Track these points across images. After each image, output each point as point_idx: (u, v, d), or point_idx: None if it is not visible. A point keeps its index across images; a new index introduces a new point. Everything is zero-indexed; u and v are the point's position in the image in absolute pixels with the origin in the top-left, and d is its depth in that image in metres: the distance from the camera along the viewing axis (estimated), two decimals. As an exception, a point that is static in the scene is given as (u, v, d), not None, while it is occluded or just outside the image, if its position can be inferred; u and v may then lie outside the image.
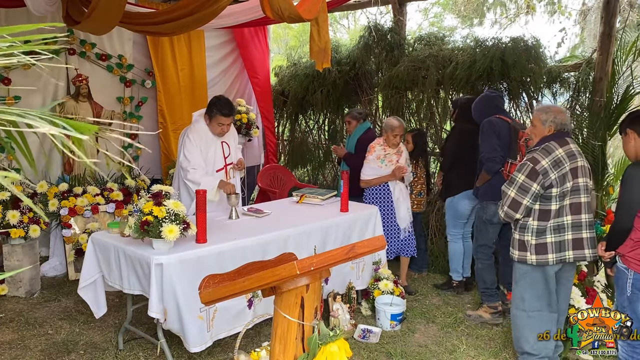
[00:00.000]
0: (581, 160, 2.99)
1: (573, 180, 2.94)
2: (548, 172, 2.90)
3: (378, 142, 4.45)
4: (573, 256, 2.96)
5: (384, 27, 5.77)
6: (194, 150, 3.82)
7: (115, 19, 3.91)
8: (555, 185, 2.91)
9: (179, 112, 5.93)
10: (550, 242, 2.96)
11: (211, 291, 1.79)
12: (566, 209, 2.95)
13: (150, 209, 2.89)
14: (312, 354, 1.68)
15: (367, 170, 4.39)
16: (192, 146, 3.82)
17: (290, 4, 3.99)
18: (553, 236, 2.96)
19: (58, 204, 4.57)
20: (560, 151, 2.94)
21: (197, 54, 6.07)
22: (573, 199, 2.95)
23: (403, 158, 4.43)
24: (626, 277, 2.72)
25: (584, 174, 2.97)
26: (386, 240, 3.49)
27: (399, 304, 3.85)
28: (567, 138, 3.03)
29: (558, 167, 2.92)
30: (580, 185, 2.95)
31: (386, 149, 4.39)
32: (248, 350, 2.72)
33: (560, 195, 2.93)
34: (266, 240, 3.36)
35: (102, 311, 3.32)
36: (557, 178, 2.91)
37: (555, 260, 2.96)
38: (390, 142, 4.36)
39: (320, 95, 6.21)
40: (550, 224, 2.95)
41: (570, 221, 2.95)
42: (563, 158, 2.93)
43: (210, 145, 3.92)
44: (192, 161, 3.80)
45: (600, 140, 4.41)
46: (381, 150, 4.39)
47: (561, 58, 5.24)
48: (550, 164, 2.91)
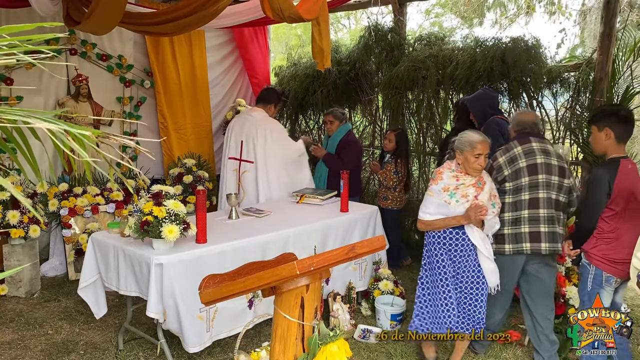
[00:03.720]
0: (542, 158, 3.11)
1: (530, 176, 3.10)
2: (502, 168, 3.16)
3: (448, 166, 3.14)
4: (530, 248, 3.10)
5: (384, 27, 5.77)
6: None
7: (115, 19, 3.91)
8: (508, 180, 3.13)
9: (181, 112, 5.92)
10: (507, 233, 3.14)
11: (211, 291, 1.79)
12: (524, 203, 3.11)
13: (150, 209, 2.89)
14: (312, 354, 1.68)
15: (430, 206, 3.10)
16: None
17: (290, 4, 3.99)
18: (510, 228, 3.14)
19: (58, 204, 4.57)
20: (518, 149, 3.16)
21: (197, 53, 6.07)
22: (531, 194, 3.11)
23: (486, 192, 3.07)
24: (588, 272, 2.86)
25: (546, 171, 3.10)
26: (450, 309, 3.06)
27: (399, 304, 3.85)
28: (531, 137, 3.20)
29: (512, 164, 3.13)
30: (540, 182, 3.09)
31: (460, 177, 3.06)
32: (248, 350, 2.71)
33: (514, 189, 3.13)
34: (266, 240, 3.36)
35: (103, 311, 3.32)
36: (510, 174, 3.13)
37: (512, 251, 3.13)
38: (470, 166, 3.02)
39: (321, 95, 6.21)
40: (507, 216, 3.15)
41: (527, 215, 3.11)
42: (519, 155, 3.14)
43: None
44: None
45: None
46: (452, 179, 3.07)
47: (561, 58, 5.24)
48: (506, 161, 3.16)
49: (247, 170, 4.50)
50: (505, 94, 5.04)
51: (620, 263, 2.76)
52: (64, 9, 4.02)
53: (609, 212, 2.80)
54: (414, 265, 5.09)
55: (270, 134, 4.48)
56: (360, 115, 6.55)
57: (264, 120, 4.55)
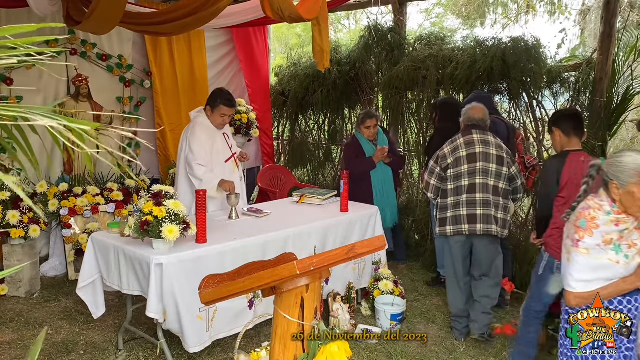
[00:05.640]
0: (480, 148, 3.47)
1: (469, 164, 3.47)
2: (446, 157, 3.54)
3: (597, 205, 2.13)
4: (468, 229, 3.47)
5: (384, 27, 5.77)
6: (200, 145, 3.81)
7: (116, 19, 3.91)
8: (451, 167, 3.51)
9: (177, 113, 5.92)
10: (449, 216, 3.52)
11: (211, 291, 1.79)
12: (464, 189, 3.49)
13: (150, 209, 2.89)
14: (312, 354, 1.68)
15: (584, 271, 2.12)
16: (198, 140, 3.81)
17: (290, 4, 3.99)
18: (451, 211, 3.52)
19: (58, 204, 4.57)
20: (460, 140, 3.53)
21: (197, 54, 6.07)
22: (470, 180, 3.48)
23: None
24: (542, 259, 2.99)
25: (484, 159, 3.46)
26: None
27: (399, 304, 3.85)
28: (473, 130, 3.55)
29: (454, 153, 3.51)
30: (477, 169, 3.45)
31: (620, 221, 2.09)
32: (248, 350, 2.71)
33: (455, 176, 3.51)
34: (266, 240, 3.36)
35: (101, 312, 3.32)
36: (452, 161, 3.51)
37: (453, 232, 3.51)
38: (634, 204, 2.07)
39: (321, 95, 6.21)
40: (449, 201, 3.52)
41: (465, 199, 3.48)
42: (460, 145, 3.51)
43: (216, 138, 3.94)
44: (197, 154, 3.78)
45: (601, 141, 4.41)
46: (610, 225, 2.09)
47: (561, 58, 5.24)
48: (450, 150, 3.54)
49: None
50: (505, 94, 5.04)
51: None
52: (64, 9, 4.02)
53: (561, 200, 2.92)
54: (414, 265, 5.10)
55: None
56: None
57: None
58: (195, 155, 3.77)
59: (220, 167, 3.94)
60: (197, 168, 3.76)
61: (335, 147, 6.73)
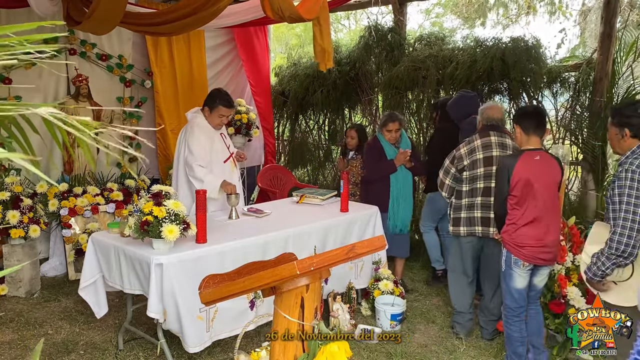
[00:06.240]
0: (497, 151, 3.45)
1: (485, 167, 3.45)
2: (463, 158, 3.50)
3: None
4: (481, 231, 3.50)
5: (384, 27, 5.77)
6: (199, 145, 3.79)
7: (116, 19, 3.91)
8: (467, 169, 3.49)
9: (177, 112, 5.92)
10: (463, 217, 3.54)
11: (211, 291, 1.79)
12: (479, 191, 3.49)
13: (150, 209, 2.89)
14: (312, 354, 1.68)
15: None
16: (197, 141, 3.78)
17: (290, 4, 3.99)
18: (464, 212, 3.53)
19: (58, 204, 4.57)
20: (478, 142, 3.49)
21: (196, 54, 6.07)
22: (485, 183, 3.46)
23: None
24: (502, 255, 3.08)
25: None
26: None
27: (399, 304, 3.85)
28: (491, 131, 3.51)
29: (471, 155, 3.48)
30: (493, 172, 3.37)
31: None
32: (248, 350, 2.71)
33: (470, 178, 3.49)
34: (266, 240, 3.36)
35: (104, 311, 3.32)
36: (469, 163, 3.48)
37: (466, 233, 3.54)
38: None
39: (321, 95, 6.21)
40: (463, 202, 3.53)
41: (480, 201, 3.49)
42: (477, 148, 3.48)
43: (214, 138, 3.92)
44: (196, 155, 3.74)
45: (601, 141, 4.41)
46: None
47: (561, 58, 5.24)
48: (467, 152, 3.50)
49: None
50: (505, 94, 5.04)
51: (523, 247, 2.96)
52: (64, 9, 4.02)
53: (513, 199, 2.99)
54: (414, 266, 5.09)
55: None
56: (360, 115, 6.55)
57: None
58: (195, 156, 3.76)
59: (219, 167, 3.93)
60: (197, 169, 3.74)
61: (335, 147, 6.73)
